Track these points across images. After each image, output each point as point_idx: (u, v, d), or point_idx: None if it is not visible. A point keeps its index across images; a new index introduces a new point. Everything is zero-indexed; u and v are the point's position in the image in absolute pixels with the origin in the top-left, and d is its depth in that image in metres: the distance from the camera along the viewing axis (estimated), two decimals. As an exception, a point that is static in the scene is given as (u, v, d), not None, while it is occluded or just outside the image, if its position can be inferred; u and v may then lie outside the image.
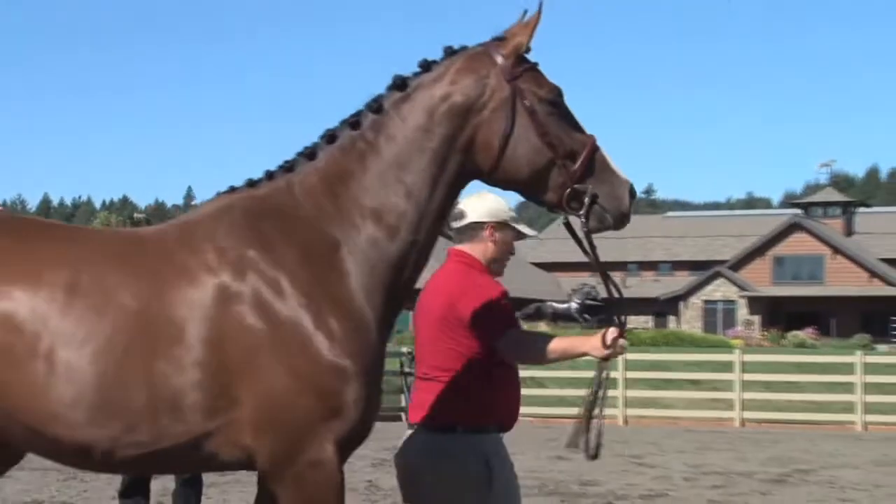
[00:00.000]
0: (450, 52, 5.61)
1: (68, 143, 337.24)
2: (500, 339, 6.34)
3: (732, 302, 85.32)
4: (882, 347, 67.05)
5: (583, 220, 5.53)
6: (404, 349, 40.35)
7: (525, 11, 5.65)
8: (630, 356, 30.88)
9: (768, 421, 31.86)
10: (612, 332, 6.03)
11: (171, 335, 5.08)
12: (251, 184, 5.70)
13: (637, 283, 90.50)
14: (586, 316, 7.81)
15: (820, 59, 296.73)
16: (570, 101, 5.50)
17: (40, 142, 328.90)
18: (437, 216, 5.57)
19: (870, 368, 33.13)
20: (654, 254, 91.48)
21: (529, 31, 5.54)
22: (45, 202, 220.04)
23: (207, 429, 5.10)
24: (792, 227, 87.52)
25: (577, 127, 5.63)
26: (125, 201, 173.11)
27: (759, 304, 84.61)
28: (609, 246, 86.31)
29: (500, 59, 5.46)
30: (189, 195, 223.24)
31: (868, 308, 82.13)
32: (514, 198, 6.37)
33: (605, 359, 6.11)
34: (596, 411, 6.23)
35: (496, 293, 6.53)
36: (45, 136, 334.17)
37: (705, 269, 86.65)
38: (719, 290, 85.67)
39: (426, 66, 5.55)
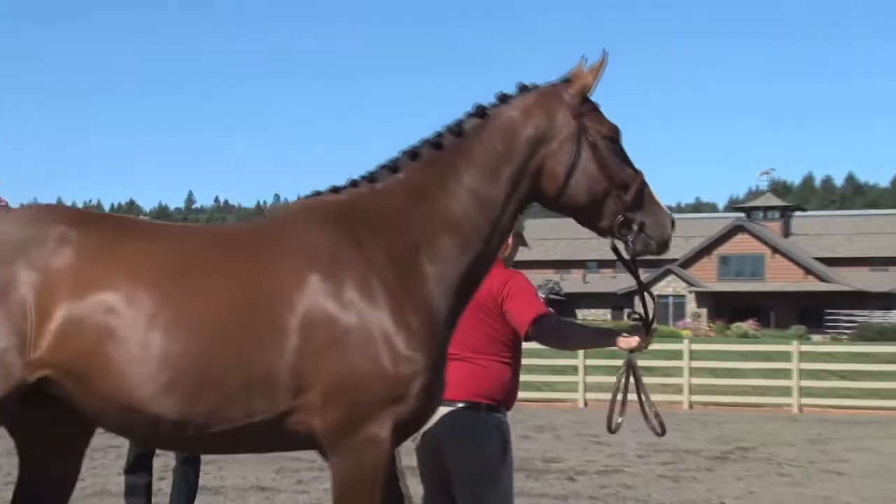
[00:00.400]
0: (524, 88, 5.85)
1: (78, 149, 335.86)
2: (539, 326, 6.71)
3: (682, 296, 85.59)
4: (816, 337, 67.58)
5: (631, 244, 5.85)
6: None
7: (585, 57, 5.86)
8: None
9: (714, 404, 31.94)
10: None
11: (269, 321, 5.24)
12: (335, 190, 5.84)
13: (597, 279, 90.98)
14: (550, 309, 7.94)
15: (765, 72, 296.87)
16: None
17: (53, 148, 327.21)
18: (505, 231, 5.86)
19: (805, 356, 33.34)
20: (606, 251, 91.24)
21: (595, 74, 5.80)
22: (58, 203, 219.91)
23: (291, 406, 5.25)
24: (735, 229, 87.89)
25: (629, 163, 5.90)
26: (132, 204, 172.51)
27: (705, 299, 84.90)
28: (572, 246, 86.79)
29: (567, 98, 5.72)
30: (190, 199, 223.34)
31: (803, 302, 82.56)
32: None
33: (632, 351, 6.65)
34: (620, 396, 6.69)
35: (531, 286, 7.01)
36: (57, 143, 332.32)
37: (657, 267, 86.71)
38: (670, 285, 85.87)
39: (503, 98, 5.80)
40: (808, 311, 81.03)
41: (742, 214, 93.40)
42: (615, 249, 6.11)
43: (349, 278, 5.35)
